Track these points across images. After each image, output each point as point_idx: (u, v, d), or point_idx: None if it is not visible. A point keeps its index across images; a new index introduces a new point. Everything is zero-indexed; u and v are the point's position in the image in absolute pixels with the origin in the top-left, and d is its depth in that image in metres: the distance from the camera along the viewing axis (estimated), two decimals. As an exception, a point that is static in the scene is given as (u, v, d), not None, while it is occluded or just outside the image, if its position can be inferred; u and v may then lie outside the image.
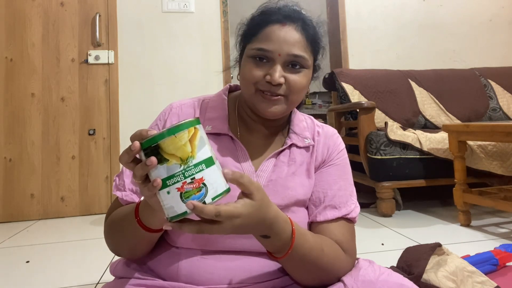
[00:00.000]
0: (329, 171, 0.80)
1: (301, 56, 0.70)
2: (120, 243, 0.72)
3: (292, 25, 0.71)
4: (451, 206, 2.24)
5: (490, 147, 2.03)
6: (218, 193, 0.50)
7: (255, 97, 0.72)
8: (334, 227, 0.74)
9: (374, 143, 2.14)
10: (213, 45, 2.81)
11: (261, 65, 0.71)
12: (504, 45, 3.35)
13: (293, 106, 0.75)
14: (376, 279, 0.66)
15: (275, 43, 0.69)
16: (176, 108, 0.81)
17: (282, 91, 0.71)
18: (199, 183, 0.49)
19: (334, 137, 0.84)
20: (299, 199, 0.75)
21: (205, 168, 0.50)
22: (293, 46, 0.70)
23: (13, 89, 2.51)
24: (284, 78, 0.70)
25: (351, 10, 3.12)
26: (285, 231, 0.60)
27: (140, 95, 2.67)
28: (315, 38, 0.74)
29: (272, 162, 0.77)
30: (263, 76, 0.70)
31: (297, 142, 0.79)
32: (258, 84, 0.71)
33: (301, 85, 0.72)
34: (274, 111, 0.72)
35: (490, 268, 1.26)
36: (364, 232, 1.87)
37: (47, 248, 1.79)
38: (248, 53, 0.72)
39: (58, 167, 2.54)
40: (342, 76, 2.73)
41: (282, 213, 0.61)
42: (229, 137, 0.77)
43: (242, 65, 0.75)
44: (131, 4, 2.73)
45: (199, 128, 0.52)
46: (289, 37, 0.70)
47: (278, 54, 0.69)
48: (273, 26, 0.71)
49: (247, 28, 0.76)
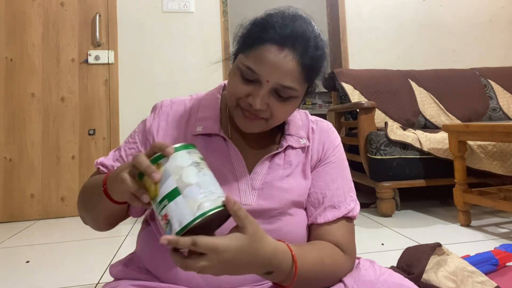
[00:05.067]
0: (326, 170, 0.78)
1: (290, 88, 0.65)
2: (86, 210, 0.73)
3: (290, 51, 0.63)
4: (451, 206, 2.24)
5: (490, 147, 2.03)
6: (183, 225, 0.48)
7: (235, 111, 0.69)
8: (335, 229, 0.73)
9: (374, 143, 2.14)
10: (213, 45, 2.81)
11: (248, 83, 0.66)
12: (504, 45, 3.35)
13: (274, 126, 0.72)
14: (376, 279, 0.66)
15: (266, 68, 0.63)
16: (166, 107, 0.80)
17: (263, 115, 0.67)
18: (165, 219, 0.50)
19: (328, 132, 0.82)
20: (295, 201, 0.74)
21: (167, 203, 0.49)
22: (285, 76, 0.64)
23: (13, 89, 2.51)
24: (267, 104, 0.66)
25: (351, 10, 3.12)
26: (286, 262, 0.59)
27: (140, 95, 2.67)
28: (314, 66, 0.67)
29: (266, 164, 0.75)
30: (246, 96, 0.66)
31: (293, 144, 0.77)
32: (240, 100, 0.67)
33: (284, 114, 0.70)
34: (252, 129, 0.70)
35: (490, 268, 1.26)
36: (364, 232, 1.87)
37: (47, 248, 1.79)
38: (238, 65, 0.67)
39: (58, 167, 2.54)
40: (342, 76, 2.73)
41: (279, 243, 0.59)
42: (221, 137, 0.74)
43: (232, 72, 0.70)
44: (131, 4, 2.73)
45: (162, 162, 0.51)
46: (283, 65, 0.63)
47: (266, 80, 0.64)
48: (270, 48, 0.63)
49: (245, 35, 0.69)
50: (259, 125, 0.69)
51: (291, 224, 0.72)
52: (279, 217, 0.72)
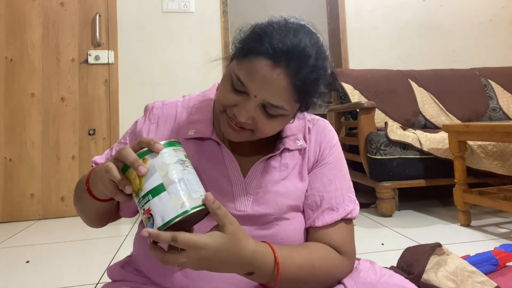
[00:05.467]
0: (323, 171, 0.75)
1: (278, 107, 0.62)
2: (78, 208, 0.74)
3: (283, 70, 0.59)
4: (451, 206, 2.24)
5: (490, 147, 2.03)
6: (166, 221, 0.49)
7: (222, 117, 0.67)
8: (333, 231, 0.71)
9: (374, 143, 2.14)
10: (213, 45, 2.81)
11: (237, 93, 0.63)
12: (504, 45, 3.35)
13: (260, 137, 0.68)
14: (377, 281, 0.65)
15: (256, 84, 0.60)
16: (157, 109, 0.78)
17: (249, 127, 0.65)
18: (147, 213, 0.51)
19: (325, 131, 0.79)
20: (292, 205, 0.72)
21: (151, 198, 0.51)
22: (274, 95, 0.60)
23: (13, 89, 2.51)
24: (252, 118, 0.63)
25: (351, 10, 3.12)
26: (268, 263, 0.59)
27: (140, 95, 2.67)
28: (307, 89, 0.62)
29: (261, 167, 0.72)
30: (233, 105, 0.63)
31: (289, 146, 0.74)
32: (227, 108, 0.65)
33: (270, 130, 0.66)
34: (237, 139, 0.67)
35: (490, 268, 1.26)
36: (364, 232, 1.87)
37: (47, 248, 1.79)
38: (230, 72, 0.64)
39: (58, 167, 2.54)
40: (342, 76, 2.74)
41: (261, 245, 0.59)
42: (214, 141, 0.72)
43: (224, 76, 0.67)
44: (131, 4, 2.73)
45: (148, 158, 0.52)
46: (274, 83, 0.59)
47: (254, 95, 0.61)
48: (263, 62, 0.59)
49: (242, 41, 0.65)
50: (245, 136, 0.67)
51: (287, 229, 0.71)
52: (275, 222, 0.70)
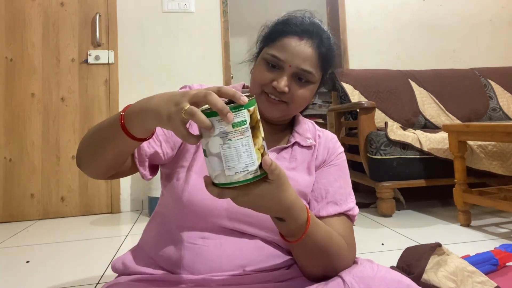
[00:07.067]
0: (330, 170, 0.83)
1: (309, 72, 0.75)
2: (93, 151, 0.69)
3: (308, 41, 0.76)
4: (451, 206, 2.24)
5: (490, 147, 2.03)
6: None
7: (260, 97, 0.77)
8: (337, 222, 0.77)
9: (374, 143, 2.14)
10: (213, 45, 2.81)
11: (272, 70, 0.76)
12: (504, 45, 3.35)
13: (293, 113, 0.81)
14: (374, 275, 0.66)
15: (289, 55, 0.75)
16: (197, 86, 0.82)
17: (285, 98, 0.76)
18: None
19: (333, 141, 0.88)
20: (301, 191, 0.78)
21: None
22: (304, 61, 0.75)
23: (13, 89, 2.51)
24: (289, 88, 0.75)
25: (351, 10, 3.12)
26: (301, 218, 0.62)
27: (140, 95, 2.67)
28: (328, 56, 0.80)
29: (273, 156, 0.80)
30: (271, 81, 0.75)
31: (300, 141, 0.83)
32: (264, 87, 0.76)
33: (303, 98, 0.78)
34: (274, 114, 0.78)
35: (490, 268, 1.26)
36: (364, 232, 1.87)
37: (47, 248, 1.79)
38: (263, 56, 0.78)
39: (58, 167, 2.54)
40: (342, 76, 2.73)
41: (300, 200, 0.62)
42: None
43: (256, 64, 0.80)
44: (131, 4, 2.73)
45: None
46: (303, 52, 0.75)
47: (289, 65, 0.75)
48: (291, 38, 0.76)
49: (269, 32, 0.81)
50: (281, 110, 0.77)
51: None
52: None
